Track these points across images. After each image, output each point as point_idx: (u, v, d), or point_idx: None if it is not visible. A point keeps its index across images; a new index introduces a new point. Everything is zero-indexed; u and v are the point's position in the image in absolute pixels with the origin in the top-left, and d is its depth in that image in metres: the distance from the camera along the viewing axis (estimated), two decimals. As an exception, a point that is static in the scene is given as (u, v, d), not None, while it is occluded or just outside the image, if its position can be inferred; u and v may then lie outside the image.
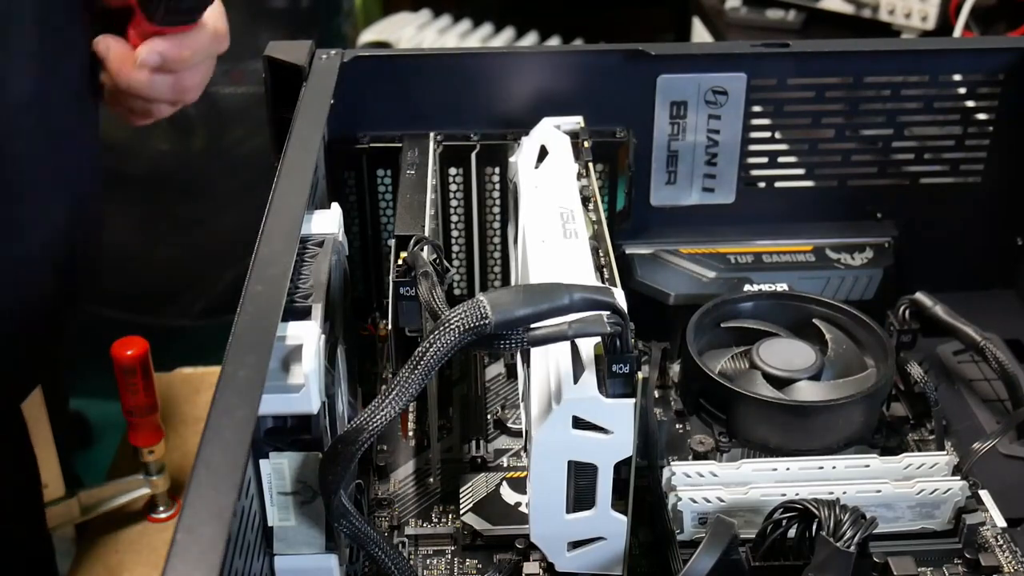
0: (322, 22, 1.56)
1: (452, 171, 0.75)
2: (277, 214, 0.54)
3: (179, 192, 1.47)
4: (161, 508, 0.79)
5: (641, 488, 0.57)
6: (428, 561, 0.61)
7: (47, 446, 0.76)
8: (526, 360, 0.57)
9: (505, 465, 0.67)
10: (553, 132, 0.70)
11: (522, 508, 0.63)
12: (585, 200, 0.64)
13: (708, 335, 0.68)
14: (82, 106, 0.75)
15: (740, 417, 0.62)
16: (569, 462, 0.53)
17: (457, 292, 0.80)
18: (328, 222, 0.60)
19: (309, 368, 0.48)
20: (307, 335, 0.49)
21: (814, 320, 0.68)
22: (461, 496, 0.64)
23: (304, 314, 0.52)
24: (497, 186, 0.76)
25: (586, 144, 0.70)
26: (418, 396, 0.49)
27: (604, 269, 0.59)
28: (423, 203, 0.65)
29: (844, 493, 0.57)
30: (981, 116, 0.78)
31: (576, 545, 0.56)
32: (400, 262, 0.59)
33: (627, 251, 0.77)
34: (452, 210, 0.77)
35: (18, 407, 0.73)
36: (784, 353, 0.64)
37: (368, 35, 1.60)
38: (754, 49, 0.75)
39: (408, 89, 0.74)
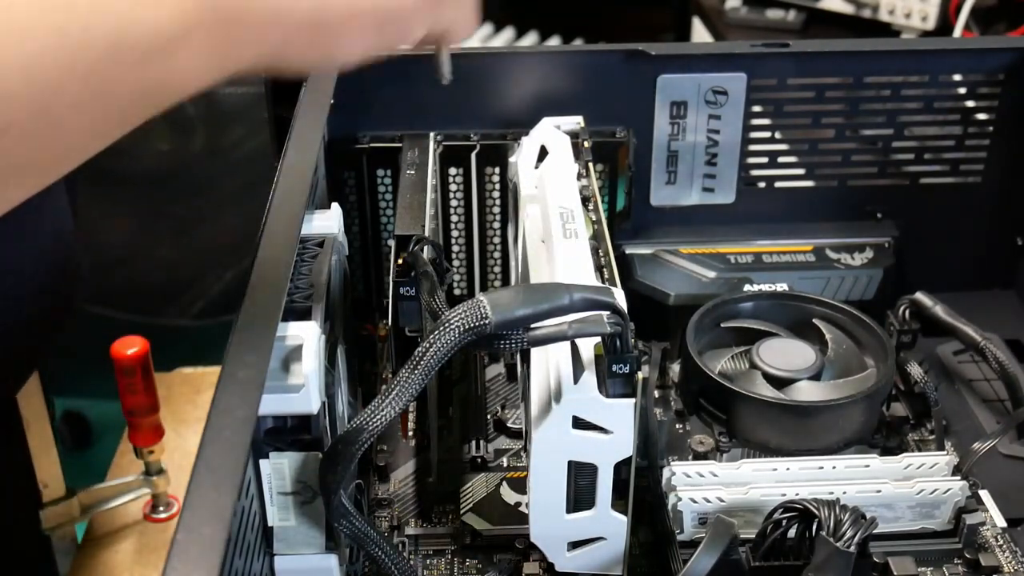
0: (322, 22, 1.56)
1: (452, 171, 0.75)
2: (277, 214, 0.54)
3: (179, 192, 1.47)
4: (161, 508, 0.79)
5: (641, 488, 0.57)
6: (428, 561, 0.61)
7: (47, 446, 0.76)
8: (526, 360, 0.57)
9: (505, 465, 0.67)
10: (553, 132, 0.70)
11: (522, 508, 0.63)
12: (585, 200, 0.64)
13: (708, 335, 0.68)
14: None
15: (740, 417, 0.62)
16: (569, 462, 0.53)
17: (457, 292, 0.80)
18: (328, 222, 0.60)
19: (309, 368, 0.48)
20: (307, 335, 0.49)
21: (814, 320, 0.68)
22: (461, 496, 0.64)
23: (304, 314, 0.52)
24: (497, 186, 0.76)
25: (586, 144, 0.70)
26: (418, 396, 0.49)
27: (604, 269, 0.58)
28: (423, 203, 0.65)
29: (844, 493, 0.57)
30: (981, 116, 0.78)
31: (576, 545, 0.56)
32: (400, 262, 0.59)
33: (627, 251, 0.77)
34: (452, 210, 0.77)
35: (14, 398, 0.73)
36: (784, 353, 0.64)
37: (368, 35, 1.59)
38: (754, 49, 0.75)
39: (408, 89, 0.74)
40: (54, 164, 0.38)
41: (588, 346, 0.51)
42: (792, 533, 0.54)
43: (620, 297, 0.51)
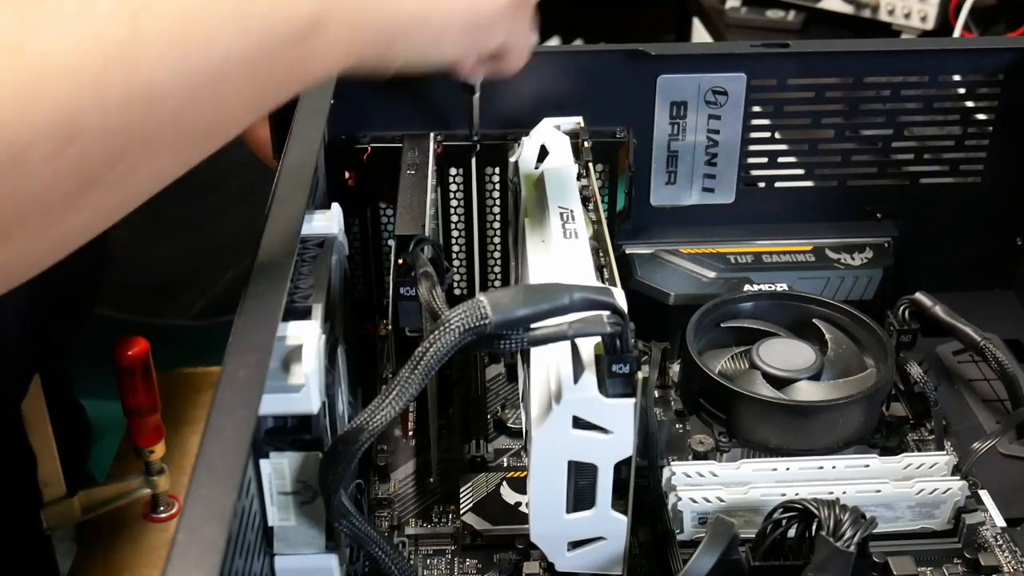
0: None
1: (452, 171, 0.75)
2: (277, 214, 0.54)
3: (179, 192, 1.47)
4: (161, 508, 0.79)
5: (641, 488, 0.57)
6: (428, 561, 0.61)
7: (47, 445, 0.76)
8: (526, 360, 0.57)
9: (505, 465, 0.67)
10: (553, 132, 0.70)
11: (522, 508, 0.63)
12: (585, 200, 0.64)
13: (708, 335, 0.68)
14: None
15: (740, 417, 0.62)
16: (569, 462, 0.53)
17: (457, 292, 0.80)
18: (328, 222, 0.60)
19: (309, 368, 0.48)
20: (307, 335, 0.49)
21: (814, 320, 0.68)
22: (461, 496, 0.64)
23: (304, 314, 0.51)
24: (497, 186, 0.76)
25: (586, 144, 0.70)
26: (418, 396, 0.49)
27: (604, 269, 0.58)
28: (423, 203, 0.65)
29: (844, 493, 0.57)
30: (981, 116, 0.78)
31: (576, 545, 0.56)
32: (400, 262, 0.59)
33: (627, 251, 0.77)
34: (452, 210, 0.77)
35: (18, 407, 0.73)
36: (784, 353, 0.64)
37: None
38: (754, 49, 0.75)
39: (408, 89, 0.74)
40: (212, 137, 0.43)
41: (588, 346, 0.51)
42: (792, 533, 0.55)
43: (620, 297, 0.51)
